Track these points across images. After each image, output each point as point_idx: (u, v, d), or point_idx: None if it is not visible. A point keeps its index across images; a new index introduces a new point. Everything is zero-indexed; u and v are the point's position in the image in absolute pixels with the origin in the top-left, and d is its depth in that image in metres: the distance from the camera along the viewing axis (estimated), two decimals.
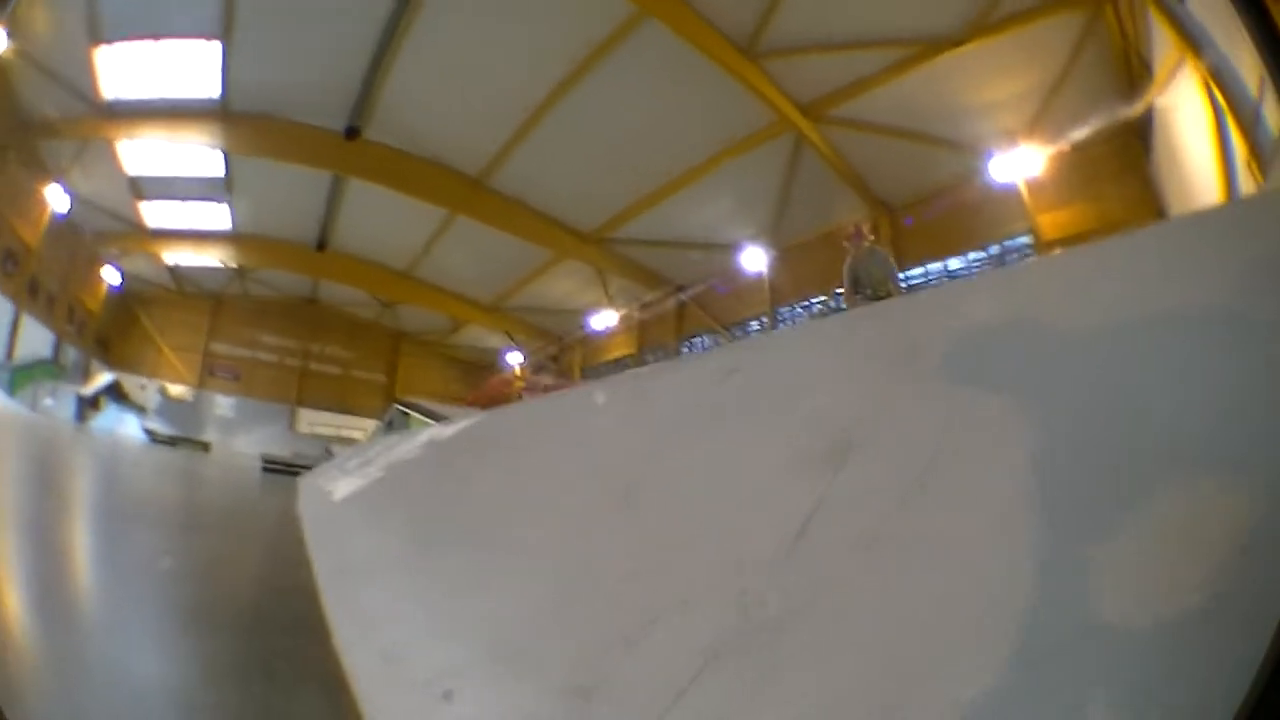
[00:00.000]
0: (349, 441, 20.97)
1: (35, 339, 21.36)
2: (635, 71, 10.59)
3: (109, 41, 16.85)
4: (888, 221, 8.27)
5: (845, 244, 8.21)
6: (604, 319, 14.49)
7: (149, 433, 18.21)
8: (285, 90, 15.47)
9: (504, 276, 17.48)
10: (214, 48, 14.92)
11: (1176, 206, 5.08)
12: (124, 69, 17.44)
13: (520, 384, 18.39)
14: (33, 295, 21.86)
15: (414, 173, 15.61)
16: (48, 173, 20.76)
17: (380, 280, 19.34)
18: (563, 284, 16.44)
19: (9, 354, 20.02)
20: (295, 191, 18.10)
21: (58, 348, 22.57)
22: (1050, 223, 6.25)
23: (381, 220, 18.08)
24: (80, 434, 14.79)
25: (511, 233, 15.95)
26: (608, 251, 13.89)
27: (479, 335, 19.46)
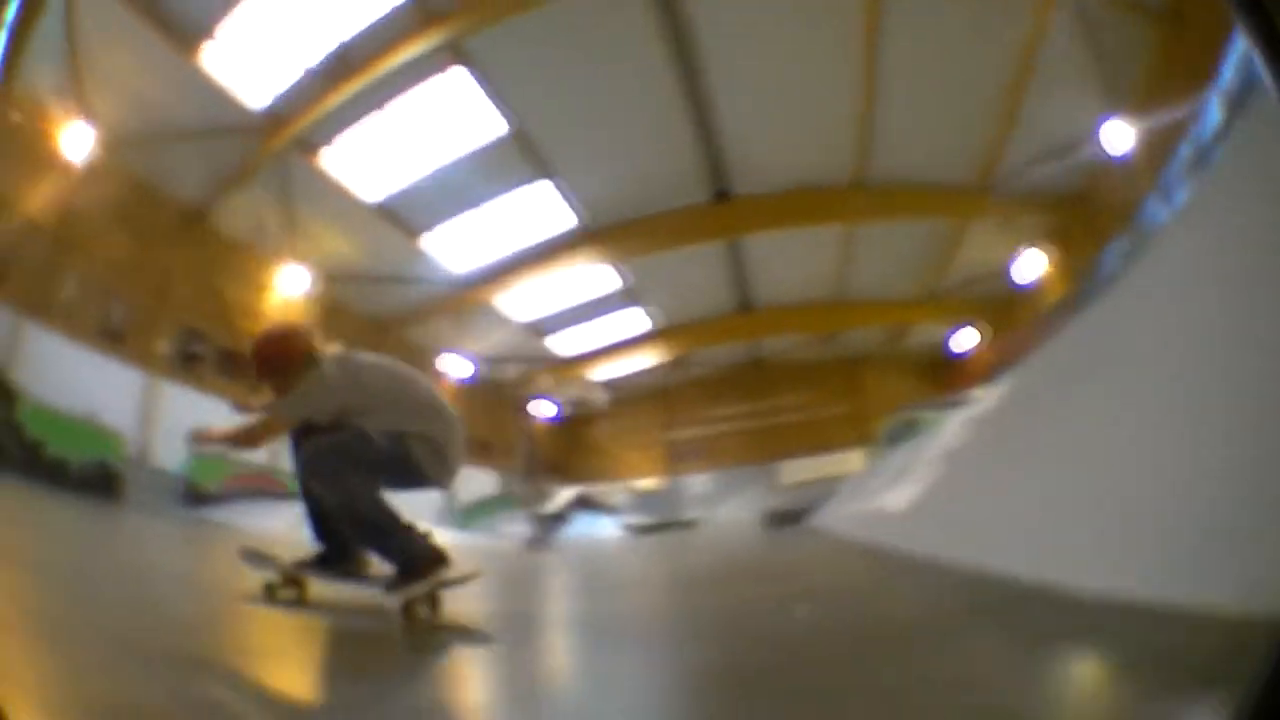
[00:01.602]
0: (836, 479, 21.25)
1: (480, 482, 23.42)
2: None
3: (428, 230, 16.92)
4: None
5: None
6: (1029, 265, 12.84)
7: (629, 527, 19.40)
8: (637, 189, 15.09)
9: (924, 261, 16.25)
10: (544, 186, 14.97)
11: None
12: (461, 242, 17.27)
13: (991, 353, 17.75)
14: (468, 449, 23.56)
15: (791, 203, 14.56)
16: (434, 348, 22.27)
17: (814, 316, 19.03)
18: (980, 246, 15.04)
19: (453, 499, 22.02)
20: (697, 269, 17.80)
21: (505, 482, 24.54)
22: None
23: (788, 259, 17.07)
24: (552, 546, 16.25)
25: (908, 216, 14.94)
26: (1001, 194, 12.36)
27: (926, 330, 18.77)
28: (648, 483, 25.65)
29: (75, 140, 13.28)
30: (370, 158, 15.50)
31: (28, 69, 12.30)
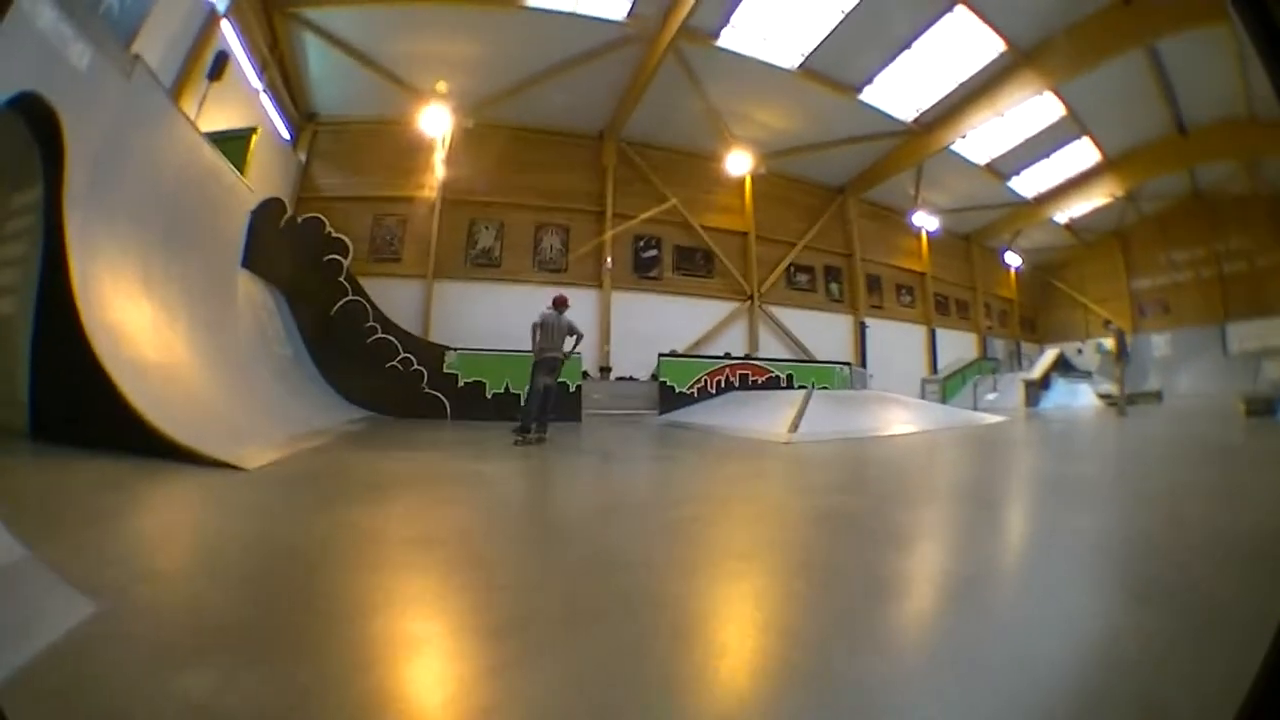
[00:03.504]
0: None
1: (956, 346, 21.91)
2: None
3: (865, 82, 16.14)
4: None
5: None
6: None
7: (1104, 397, 16.83)
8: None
9: None
10: (960, 14, 13.67)
11: None
12: (900, 89, 16.32)
13: None
14: (942, 311, 22.73)
15: None
16: (896, 210, 21.41)
17: (1235, 136, 17.49)
18: None
19: (934, 369, 20.81)
20: (1128, 82, 16.28)
21: (984, 344, 23.07)
22: None
23: (1203, 69, 15.40)
24: (1035, 417, 13.78)
25: None
26: None
27: None
28: (1113, 342, 23.29)
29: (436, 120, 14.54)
30: (775, 23, 14.53)
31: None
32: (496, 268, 15.69)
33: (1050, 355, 18.89)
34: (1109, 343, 23.40)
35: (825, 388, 14.93)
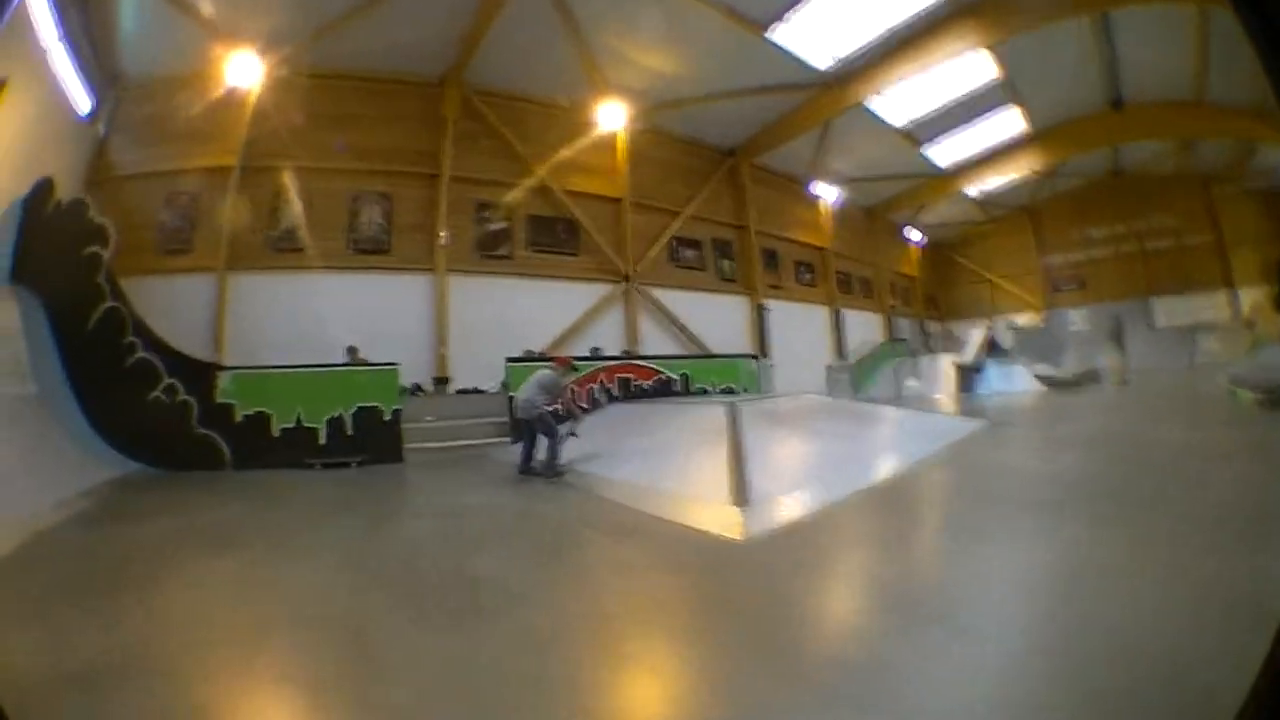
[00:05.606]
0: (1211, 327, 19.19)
1: (861, 328, 19.56)
2: None
3: (778, 20, 13.57)
4: None
5: None
6: None
7: (1046, 379, 15.35)
8: None
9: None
10: None
11: None
12: (815, 32, 14.06)
13: None
14: (845, 290, 20.31)
15: None
16: (793, 177, 18.85)
17: (1176, 117, 17.83)
18: None
19: (841, 354, 18.45)
20: (1073, 53, 15.44)
21: (891, 324, 20.84)
22: None
23: (1163, 44, 14.70)
24: (998, 412, 11.73)
25: None
26: None
27: (1269, 155, 18.03)
28: (1027, 318, 23.68)
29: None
30: None
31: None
32: (302, 252, 12.08)
33: (979, 336, 17.16)
34: (1023, 320, 23.18)
35: (731, 388, 12.25)
